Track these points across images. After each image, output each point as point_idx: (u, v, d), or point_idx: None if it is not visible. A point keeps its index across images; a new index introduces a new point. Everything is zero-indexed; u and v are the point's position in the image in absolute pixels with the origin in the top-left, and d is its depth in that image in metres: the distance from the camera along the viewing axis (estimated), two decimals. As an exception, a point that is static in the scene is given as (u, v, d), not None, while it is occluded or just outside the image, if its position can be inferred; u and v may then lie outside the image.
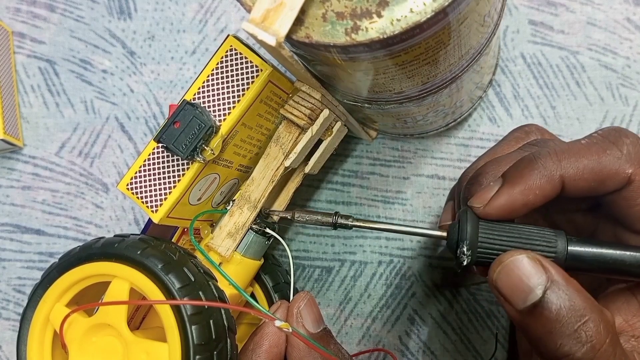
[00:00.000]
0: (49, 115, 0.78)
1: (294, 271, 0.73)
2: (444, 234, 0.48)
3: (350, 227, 0.51)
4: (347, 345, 0.72)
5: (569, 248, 0.45)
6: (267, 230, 0.58)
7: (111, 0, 0.79)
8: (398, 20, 0.38)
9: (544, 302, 0.41)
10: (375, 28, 0.38)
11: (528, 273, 0.42)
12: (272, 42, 0.38)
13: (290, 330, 0.48)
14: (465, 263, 0.45)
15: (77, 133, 0.78)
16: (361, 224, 0.51)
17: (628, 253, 0.45)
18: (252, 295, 0.64)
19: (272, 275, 0.64)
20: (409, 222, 0.72)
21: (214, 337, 0.47)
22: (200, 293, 0.48)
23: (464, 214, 0.46)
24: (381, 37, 0.38)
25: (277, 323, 0.48)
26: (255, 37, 0.39)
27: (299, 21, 0.40)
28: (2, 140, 0.73)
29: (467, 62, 0.51)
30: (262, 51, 0.52)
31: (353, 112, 0.61)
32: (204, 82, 0.52)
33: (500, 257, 0.43)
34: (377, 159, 0.74)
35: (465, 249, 0.45)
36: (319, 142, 0.60)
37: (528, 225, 0.47)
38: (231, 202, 0.58)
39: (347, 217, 0.51)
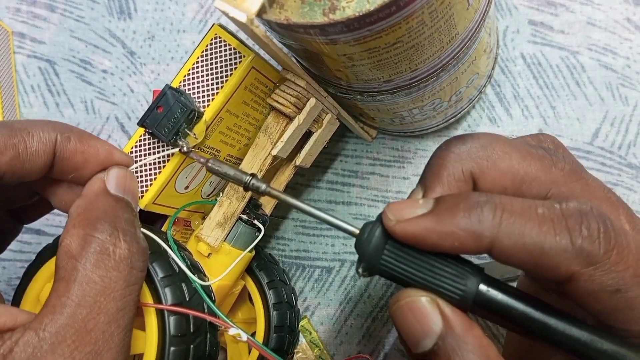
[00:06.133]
0: (49, 115, 0.79)
1: (292, 273, 0.73)
2: (356, 230, 0.40)
3: (263, 193, 0.44)
4: (347, 345, 0.71)
5: (480, 288, 0.37)
6: (255, 222, 0.58)
7: (111, 0, 0.80)
8: (375, -3, 0.38)
9: (437, 351, 0.36)
10: (352, 7, 0.39)
11: (423, 318, 0.37)
12: (242, 18, 0.39)
13: (245, 339, 0.48)
14: (360, 279, 0.40)
15: (77, 133, 0.78)
16: (276, 193, 0.43)
17: (552, 319, 0.37)
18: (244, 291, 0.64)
19: (267, 272, 0.64)
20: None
21: (192, 330, 0.47)
22: (184, 285, 0.48)
23: (378, 223, 0.39)
24: (357, 14, 0.39)
25: (232, 331, 0.48)
26: (226, 14, 0.39)
27: (278, 5, 0.41)
28: (2, 139, 0.74)
29: (455, 50, 0.51)
30: (251, 42, 0.52)
31: (347, 106, 0.61)
32: (189, 70, 0.52)
33: (397, 295, 0.38)
34: (377, 159, 0.73)
35: (361, 270, 0.39)
36: (310, 134, 0.60)
37: (442, 255, 0.38)
38: (220, 192, 0.58)
39: (262, 181, 0.44)
